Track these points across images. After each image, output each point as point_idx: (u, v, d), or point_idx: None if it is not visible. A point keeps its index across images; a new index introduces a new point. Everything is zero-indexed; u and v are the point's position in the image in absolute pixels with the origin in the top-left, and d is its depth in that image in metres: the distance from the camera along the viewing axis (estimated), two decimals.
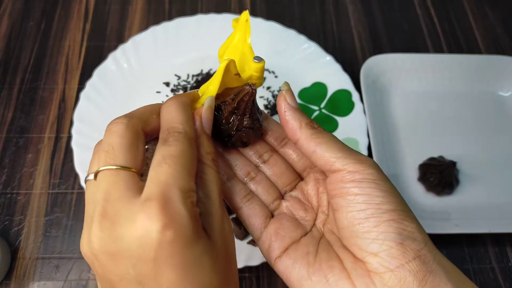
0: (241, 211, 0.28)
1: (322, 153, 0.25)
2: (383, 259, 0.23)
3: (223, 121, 0.27)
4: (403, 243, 0.23)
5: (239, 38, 0.31)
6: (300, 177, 0.30)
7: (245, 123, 0.28)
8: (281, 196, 0.29)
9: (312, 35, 0.62)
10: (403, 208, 0.24)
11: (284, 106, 0.27)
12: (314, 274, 0.24)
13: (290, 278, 0.25)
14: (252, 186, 0.29)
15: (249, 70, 0.29)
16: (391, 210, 0.24)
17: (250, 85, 0.27)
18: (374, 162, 0.25)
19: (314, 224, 0.28)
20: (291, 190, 0.29)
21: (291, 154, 0.30)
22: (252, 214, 0.27)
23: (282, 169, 0.29)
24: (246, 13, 0.29)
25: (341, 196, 0.25)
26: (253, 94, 0.27)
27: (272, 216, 0.28)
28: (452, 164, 0.48)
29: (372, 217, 0.23)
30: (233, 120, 0.27)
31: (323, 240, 0.27)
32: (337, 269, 0.24)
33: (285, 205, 0.28)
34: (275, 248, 0.26)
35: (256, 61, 0.28)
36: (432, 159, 0.49)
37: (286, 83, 0.28)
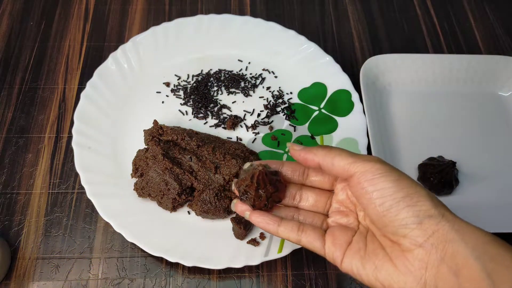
0: (302, 242, 0.33)
1: (338, 163, 0.31)
2: (411, 239, 0.28)
3: (255, 199, 0.35)
4: (422, 223, 0.27)
5: None
6: (331, 192, 0.36)
7: (270, 191, 0.35)
8: (326, 215, 0.36)
9: (311, 36, 0.62)
10: (414, 190, 0.28)
11: (297, 152, 0.34)
12: (367, 264, 0.30)
13: (354, 273, 0.30)
14: (301, 219, 0.35)
15: None
16: (405, 196, 0.28)
17: (259, 166, 0.35)
18: (378, 158, 0.31)
19: (359, 222, 0.33)
20: (329, 206, 0.36)
21: (315, 179, 0.36)
22: (311, 240, 0.33)
23: (315, 197, 0.36)
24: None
25: (362, 196, 0.30)
26: (263, 172, 0.34)
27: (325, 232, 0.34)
28: (452, 164, 0.48)
29: (391, 208, 0.28)
30: (261, 195, 0.35)
31: (369, 233, 0.32)
32: (381, 255, 0.30)
33: (331, 220, 0.35)
34: (337, 256, 0.31)
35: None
36: (431, 159, 0.49)
37: (288, 145, 0.35)
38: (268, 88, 0.56)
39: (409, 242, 0.28)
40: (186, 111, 0.54)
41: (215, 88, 0.56)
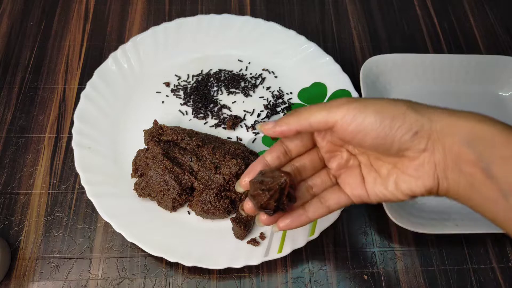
0: (331, 208, 0.35)
1: (315, 121, 0.32)
2: (414, 149, 0.30)
3: (281, 207, 0.34)
4: (417, 133, 0.30)
5: None
6: (316, 148, 0.37)
7: (293, 195, 0.34)
8: (326, 167, 0.37)
9: (311, 36, 0.62)
10: (396, 110, 0.30)
11: (270, 131, 0.34)
12: (388, 185, 0.33)
13: (382, 199, 0.33)
14: (315, 190, 0.37)
15: None
16: (392, 119, 0.30)
17: (283, 178, 0.33)
18: (347, 98, 0.32)
19: (354, 155, 0.35)
20: (323, 158, 0.37)
21: (297, 147, 0.36)
22: (337, 202, 0.35)
23: (307, 160, 0.37)
24: None
25: (354, 137, 0.32)
26: (287, 183, 0.33)
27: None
28: None
29: (387, 136, 0.30)
30: (285, 202, 0.33)
31: (372, 159, 0.34)
32: (394, 172, 0.32)
33: (333, 170, 0.36)
34: (363, 196, 0.34)
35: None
36: None
37: (258, 127, 0.35)
38: (268, 88, 0.56)
39: (413, 152, 0.31)
40: (186, 111, 0.54)
41: (215, 88, 0.56)
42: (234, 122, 0.52)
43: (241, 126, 0.53)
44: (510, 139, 0.28)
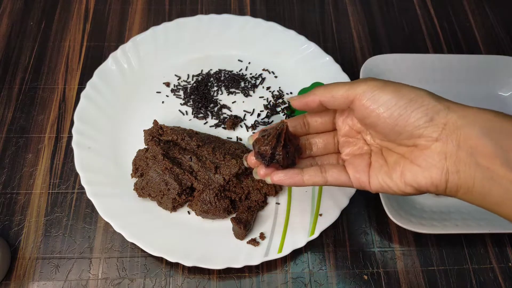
0: (329, 181, 0.35)
1: (337, 93, 0.33)
2: (426, 137, 0.30)
3: (284, 157, 0.35)
4: (432, 119, 0.29)
5: None
6: (334, 131, 0.38)
7: (296, 144, 0.36)
8: (338, 153, 0.38)
9: (311, 36, 0.62)
10: (415, 93, 0.30)
11: (297, 101, 0.36)
12: (392, 175, 0.32)
13: (384, 189, 0.33)
14: (319, 164, 0.38)
15: None
16: (408, 101, 0.30)
17: (282, 124, 0.35)
18: (372, 77, 0.33)
19: (369, 146, 0.35)
20: (337, 143, 0.38)
21: (316, 124, 0.38)
22: (336, 177, 0.35)
23: (322, 140, 0.38)
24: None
25: (369, 115, 0.32)
26: (287, 127, 0.35)
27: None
28: None
29: (400, 116, 0.30)
30: (288, 151, 0.35)
31: (384, 150, 0.34)
32: (402, 162, 0.32)
33: (344, 154, 0.37)
34: (363, 181, 0.34)
35: None
36: None
37: (287, 98, 0.37)
38: (268, 88, 0.56)
39: (425, 140, 0.30)
40: (186, 111, 0.54)
41: (215, 88, 0.56)
42: (234, 122, 0.52)
43: (241, 126, 0.53)
44: None
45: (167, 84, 0.55)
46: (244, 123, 0.53)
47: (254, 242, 0.44)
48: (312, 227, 0.45)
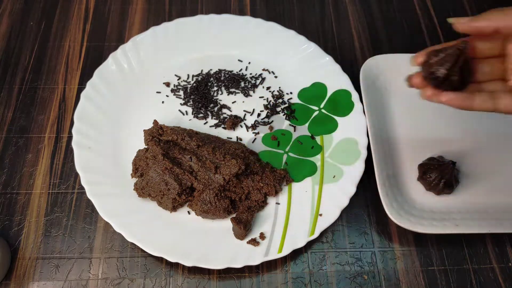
0: (500, 107, 0.34)
1: None
2: None
3: (459, 80, 0.34)
4: None
5: None
6: (502, 57, 0.35)
7: (469, 67, 0.35)
8: (504, 80, 0.36)
9: (311, 36, 0.62)
10: None
11: (465, 25, 0.33)
12: None
13: None
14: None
15: None
16: None
17: (461, 45, 0.33)
18: None
19: None
20: (505, 71, 0.35)
21: (484, 48, 0.36)
22: (509, 106, 0.34)
23: (489, 67, 0.36)
24: None
25: None
26: (465, 49, 0.33)
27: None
28: (452, 164, 0.48)
29: None
30: (465, 74, 0.34)
31: None
32: None
33: None
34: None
35: None
36: (431, 159, 0.49)
37: (451, 20, 0.34)
38: (268, 88, 0.56)
39: None
40: (186, 111, 0.54)
41: (215, 88, 0.56)
42: (234, 122, 0.52)
43: (241, 126, 0.53)
44: None
45: (167, 84, 0.55)
46: (244, 123, 0.53)
47: (254, 242, 0.44)
48: (312, 227, 0.45)
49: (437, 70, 0.34)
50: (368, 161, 0.48)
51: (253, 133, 0.52)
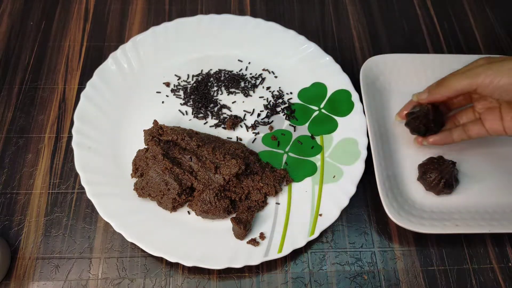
0: (472, 137, 0.47)
1: (461, 87, 0.43)
2: None
3: (433, 128, 0.48)
4: None
5: None
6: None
7: (440, 119, 0.48)
8: (478, 114, 0.48)
9: (311, 36, 0.62)
10: None
11: (433, 97, 0.46)
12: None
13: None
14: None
15: None
16: None
17: (428, 105, 0.47)
18: (486, 60, 0.43)
19: (497, 101, 0.45)
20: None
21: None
22: (478, 132, 0.46)
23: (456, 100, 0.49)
24: None
25: (493, 94, 0.42)
26: (429, 110, 0.47)
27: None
28: (452, 164, 0.48)
29: None
30: (438, 122, 0.48)
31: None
32: None
33: (478, 108, 0.47)
34: (499, 129, 0.44)
35: None
36: (431, 159, 0.49)
37: (417, 96, 0.48)
38: (268, 88, 0.56)
39: None
40: (186, 111, 0.54)
41: (215, 88, 0.56)
42: (234, 122, 0.52)
43: (241, 126, 0.53)
44: None
45: (167, 84, 0.55)
46: (244, 123, 0.53)
47: (254, 242, 0.44)
48: (312, 227, 0.45)
49: (418, 127, 0.48)
50: (368, 161, 0.48)
51: (253, 133, 0.52)
